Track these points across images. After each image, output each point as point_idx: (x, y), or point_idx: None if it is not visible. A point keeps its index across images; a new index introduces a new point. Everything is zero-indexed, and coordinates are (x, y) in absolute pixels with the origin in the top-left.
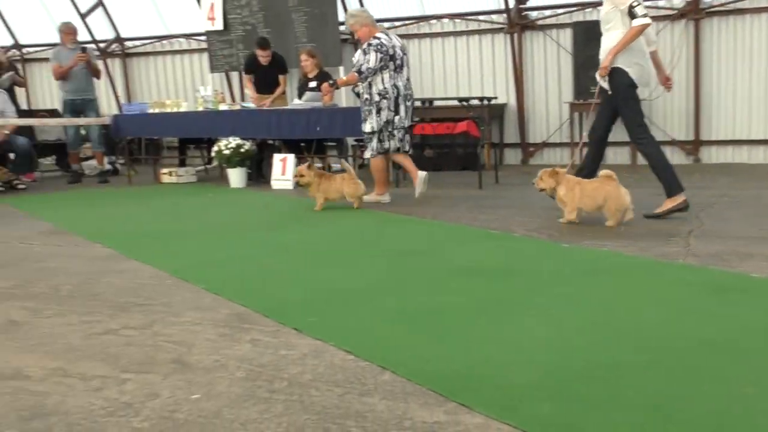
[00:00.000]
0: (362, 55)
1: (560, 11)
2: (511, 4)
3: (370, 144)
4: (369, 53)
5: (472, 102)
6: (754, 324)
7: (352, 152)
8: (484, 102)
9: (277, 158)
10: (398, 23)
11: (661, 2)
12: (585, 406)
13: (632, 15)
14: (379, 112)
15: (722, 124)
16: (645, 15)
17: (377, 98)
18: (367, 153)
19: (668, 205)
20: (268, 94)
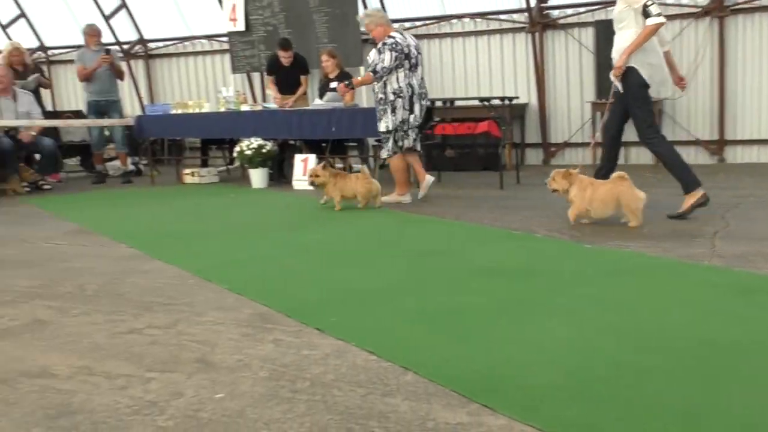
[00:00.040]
0: (377, 55)
1: (582, 10)
2: (533, 3)
3: (386, 144)
4: (384, 52)
5: (494, 102)
6: None
7: (373, 152)
8: (506, 102)
9: (299, 158)
10: (419, 23)
11: (685, 0)
12: (608, 408)
13: (646, 14)
14: (394, 111)
15: (747, 124)
16: (659, 14)
17: (392, 97)
18: (384, 153)
19: (689, 202)
20: (290, 95)
